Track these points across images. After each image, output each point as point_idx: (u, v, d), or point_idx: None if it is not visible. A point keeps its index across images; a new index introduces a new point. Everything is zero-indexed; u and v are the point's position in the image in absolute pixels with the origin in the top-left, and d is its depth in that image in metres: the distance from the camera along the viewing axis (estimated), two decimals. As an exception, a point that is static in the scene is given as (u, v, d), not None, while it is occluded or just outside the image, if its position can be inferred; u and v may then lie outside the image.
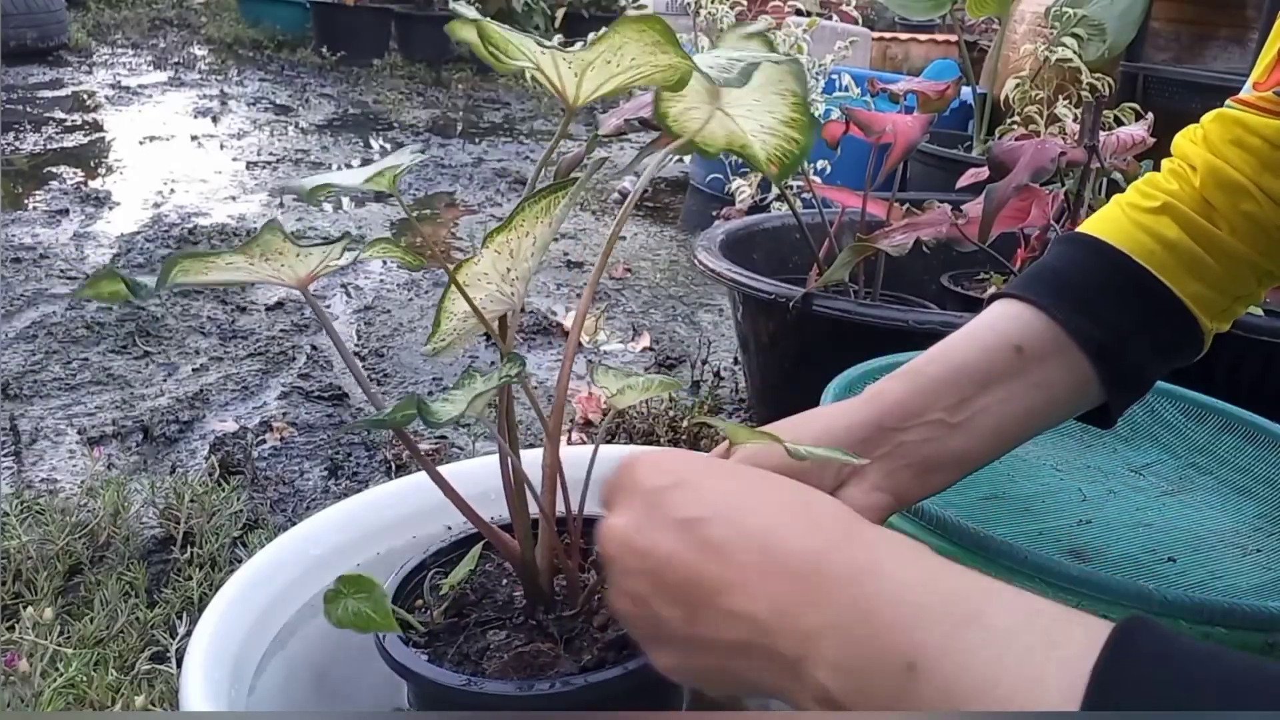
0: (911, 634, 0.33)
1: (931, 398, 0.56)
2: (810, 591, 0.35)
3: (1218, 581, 0.74)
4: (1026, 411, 0.58)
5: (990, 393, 0.56)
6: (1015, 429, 0.58)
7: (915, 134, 1.42)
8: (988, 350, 0.58)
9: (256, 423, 1.73)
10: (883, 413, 0.55)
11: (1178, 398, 0.97)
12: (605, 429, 0.73)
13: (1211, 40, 2.95)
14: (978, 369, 0.57)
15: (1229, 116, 0.65)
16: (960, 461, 0.57)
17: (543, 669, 0.51)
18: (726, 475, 0.42)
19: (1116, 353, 0.59)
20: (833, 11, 4.56)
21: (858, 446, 0.54)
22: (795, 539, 0.37)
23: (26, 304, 2.19)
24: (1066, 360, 0.58)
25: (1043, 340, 0.58)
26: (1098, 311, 0.59)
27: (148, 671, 1.07)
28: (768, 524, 0.38)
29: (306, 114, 4.58)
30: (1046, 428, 0.61)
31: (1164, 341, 0.62)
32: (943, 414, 0.56)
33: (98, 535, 1.30)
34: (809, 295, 1.33)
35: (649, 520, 0.40)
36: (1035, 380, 0.57)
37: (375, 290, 2.46)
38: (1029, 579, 0.65)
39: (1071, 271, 0.62)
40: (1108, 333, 0.59)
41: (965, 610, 0.33)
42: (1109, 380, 0.59)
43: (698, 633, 0.38)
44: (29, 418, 1.69)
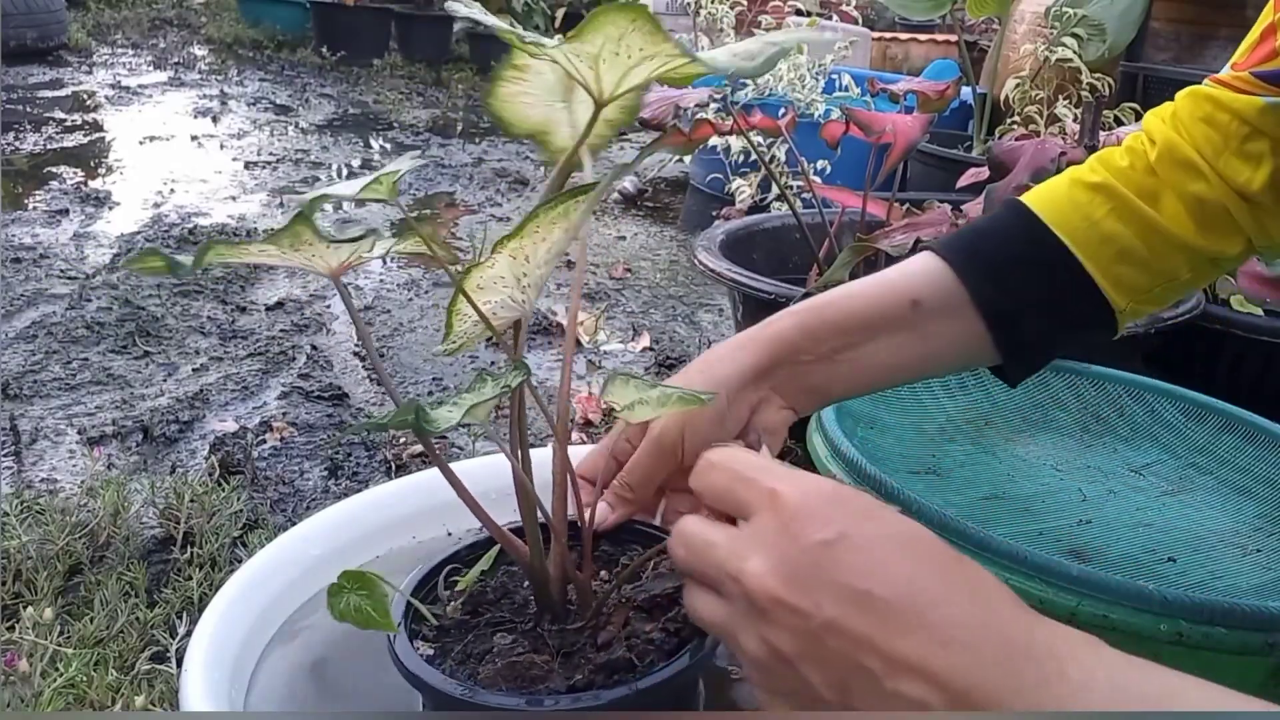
0: None
1: (822, 338, 0.61)
2: (992, 685, 0.34)
3: (1218, 581, 0.74)
4: (910, 359, 0.63)
5: (878, 339, 0.61)
6: (898, 371, 0.63)
7: (915, 134, 1.42)
8: (885, 300, 0.62)
9: (256, 423, 1.73)
10: (775, 350, 0.61)
11: (1178, 398, 0.97)
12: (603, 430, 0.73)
13: (1211, 40, 2.95)
14: (870, 316, 0.62)
15: (1202, 94, 0.65)
16: (843, 389, 0.63)
17: (532, 681, 0.51)
18: (886, 536, 0.39)
19: (1013, 322, 0.62)
20: (833, 11, 4.56)
21: (754, 382, 0.60)
22: (971, 622, 0.36)
23: (26, 304, 2.19)
24: (961, 320, 0.62)
25: (943, 297, 0.62)
26: (1005, 279, 0.62)
27: (148, 671, 1.07)
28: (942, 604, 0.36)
29: (306, 114, 4.58)
30: (934, 374, 0.67)
31: (1069, 319, 0.64)
32: (831, 352, 0.61)
33: (98, 535, 1.30)
34: (809, 295, 1.33)
35: (809, 576, 0.37)
36: (925, 334, 0.62)
37: (375, 290, 2.46)
38: (1029, 579, 0.65)
39: (994, 236, 0.65)
40: (1010, 301, 0.62)
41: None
42: (1003, 345, 0.63)
43: (852, 702, 0.37)
44: (29, 418, 1.69)
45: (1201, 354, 1.35)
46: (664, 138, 1.29)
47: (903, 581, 0.37)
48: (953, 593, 0.37)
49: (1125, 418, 0.98)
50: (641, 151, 0.60)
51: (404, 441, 1.69)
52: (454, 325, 0.54)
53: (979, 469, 0.89)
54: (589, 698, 0.49)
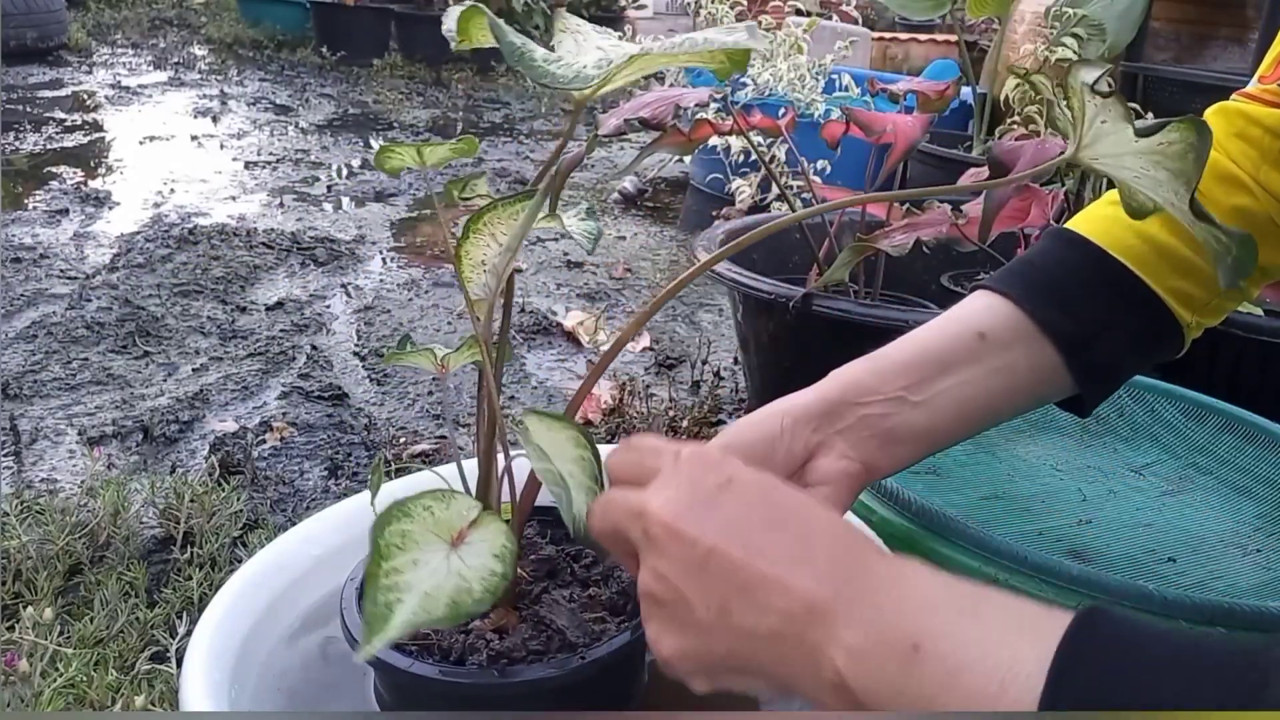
0: (918, 620, 0.39)
1: (891, 377, 0.60)
2: (841, 593, 0.41)
3: (1218, 581, 0.74)
4: (987, 394, 0.61)
5: (950, 375, 0.60)
6: (975, 410, 0.61)
7: (915, 134, 1.41)
8: (951, 335, 0.61)
9: (256, 423, 1.73)
10: (844, 388, 0.60)
11: (1178, 398, 0.97)
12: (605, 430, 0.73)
13: (1211, 40, 2.95)
14: (939, 352, 0.61)
15: (1232, 109, 0.65)
16: (922, 437, 0.60)
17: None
18: (768, 483, 0.46)
19: (1087, 345, 0.61)
20: (833, 11, 4.56)
21: (819, 419, 0.59)
22: (829, 549, 0.43)
23: (26, 304, 2.19)
24: (1031, 349, 0.61)
25: (1007, 328, 0.61)
26: (1070, 304, 0.62)
27: (148, 671, 1.07)
28: (806, 535, 0.43)
29: (306, 114, 4.58)
30: (1013, 412, 0.64)
31: (1140, 336, 0.64)
32: (903, 391, 0.59)
33: (98, 535, 1.30)
34: (809, 295, 1.33)
35: (699, 511, 0.44)
36: (997, 366, 0.60)
37: (375, 290, 2.46)
38: (1029, 579, 0.65)
39: (1047, 265, 0.64)
40: (1079, 325, 0.61)
41: (962, 604, 0.39)
42: (1078, 371, 0.62)
43: (729, 621, 0.42)
44: (29, 418, 1.69)
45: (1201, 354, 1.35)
46: (664, 138, 1.29)
47: (777, 517, 0.44)
48: (816, 525, 0.44)
49: (1125, 418, 0.98)
50: (641, 152, 0.60)
51: (404, 442, 1.69)
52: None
53: (979, 469, 0.89)
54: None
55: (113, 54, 5.80)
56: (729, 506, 0.44)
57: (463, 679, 0.53)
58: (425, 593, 0.44)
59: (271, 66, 5.75)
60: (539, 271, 2.67)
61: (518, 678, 0.53)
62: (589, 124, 4.82)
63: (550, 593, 0.60)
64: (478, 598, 0.44)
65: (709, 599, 0.43)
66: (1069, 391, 0.64)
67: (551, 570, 0.62)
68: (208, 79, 5.24)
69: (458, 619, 0.43)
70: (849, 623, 0.40)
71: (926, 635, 0.38)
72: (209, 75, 5.34)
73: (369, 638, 0.41)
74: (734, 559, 0.42)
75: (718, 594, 0.42)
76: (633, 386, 1.84)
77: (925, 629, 0.38)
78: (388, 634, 0.41)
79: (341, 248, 2.73)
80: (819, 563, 0.42)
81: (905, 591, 0.40)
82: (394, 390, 1.92)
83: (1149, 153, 0.49)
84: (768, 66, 2.99)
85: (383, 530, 0.46)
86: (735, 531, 0.43)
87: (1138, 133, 0.48)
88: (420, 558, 0.45)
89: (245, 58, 5.98)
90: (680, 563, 0.43)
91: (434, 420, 1.81)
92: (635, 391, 1.82)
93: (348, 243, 2.79)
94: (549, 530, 0.66)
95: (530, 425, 0.53)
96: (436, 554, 0.46)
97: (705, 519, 0.44)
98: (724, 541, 0.43)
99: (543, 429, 0.53)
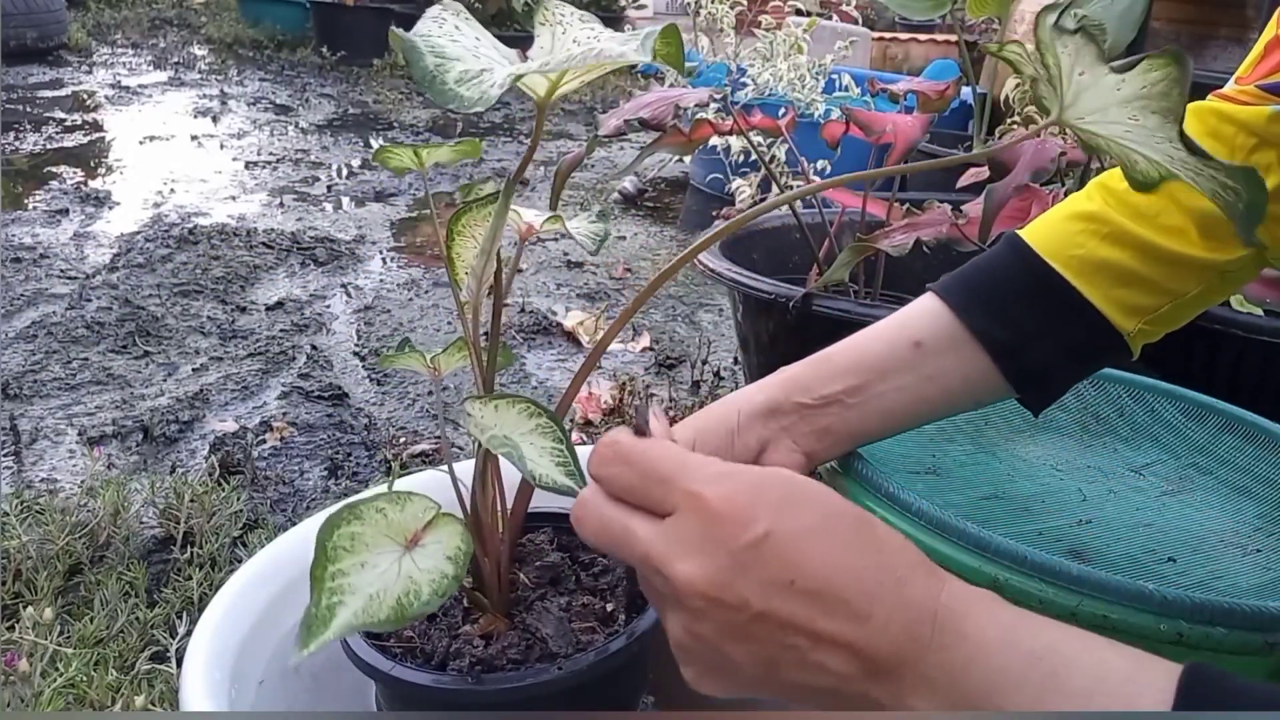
0: (997, 699, 0.37)
1: (830, 380, 0.64)
2: (904, 652, 0.38)
3: (1218, 581, 0.73)
4: (920, 399, 0.64)
5: (885, 381, 0.64)
6: (907, 413, 0.65)
7: (915, 134, 1.41)
8: (889, 342, 0.65)
9: (256, 423, 1.73)
10: (788, 389, 0.64)
11: (1178, 398, 0.97)
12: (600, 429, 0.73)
13: (1211, 40, 2.95)
14: (877, 359, 0.64)
15: (1205, 109, 0.66)
16: (857, 434, 0.65)
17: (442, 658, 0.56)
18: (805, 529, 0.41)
19: (1020, 353, 0.64)
20: (833, 11, 4.56)
21: (766, 416, 0.63)
22: (886, 599, 0.40)
23: (26, 304, 2.19)
24: (965, 357, 0.64)
25: (943, 336, 0.64)
26: (1004, 312, 0.64)
27: (148, 671, 1.07)
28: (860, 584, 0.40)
29: (306, 114, 4.58)
30: (949, 412, 0.67)
31: (1076, 346, 0.65)
32: (841, 394, 0.64)
33: (98, 535, 1.30)
34: (809, 295, 1.33)
35: (737, 575, 0.40)
36: (930, 373, 0.64)
37: (375, 290, 2.46)
38: (1029, 579, 0.64)
39: (992, 269, 0.66)
40: (1013, 333, 0.63)
41: (1044, 671, 0.37)
42: (1013, 378, 0.64)
43: (779, 676, 0.40)
44: (29, 418, 1.69)
45: (1201, 354, 1.35)
46: (664, 138, 1.29)
47: (824, 569, 0.40)
48: (867, 571, 0.40)
49: (1125, 418, 0.98)
50: (641, 152, 0.60)
51: (404, 442, 1.69)
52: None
53: (979, 469, 0.89)
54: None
55: (113, 54, 5.80)
56: (771, 564, 0.40)
57: (445, 684, 0.53)
58: (370, 595, 0.43)
59: (271, 66, 5.75)
60: (539, 271, 2.67)
61: (491, 685, 0.53)
62: (589, 124, 4.81)
63: (546, 600, 0.59)
64: (425, 600, 0.44)
65: (756, 657, 0.40)
66: (1007, 395, 0.66)
67: (555, 577, 0.62)
68: (208, 79, 5.24)
69: (402, 621, 0.43)
70: (916, 687, 0.38)
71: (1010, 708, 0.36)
72: (209, 75, 5.34)
73: (305, 641, 0.41)
74: (782, 621, 0.39)
75: (765, 653, 0.40)
76: (633, 386, 1.84)
77: (1007, 702, 0.37)
78: (325, 636, 0.41)
79: (341, 248, 2.73)
80: (877, 618, 0.39)
81: (976, 649, 0.38)
82: (394, 390, 1.92)
83: (1133, 99, 0.46)
84: (768, 66, 2.99)
85: (331, 533, 0.46)
86: (782, 592, 0.39)
87: (1113, 70, 0.46)
88: (370, 560, 0.45)
89: (245, 58, 5.98)
90: (721, 626, 0.40)
91: (434, 420, 1.81)
92: (635, 391, 1.82)
93: (348, 243, 2.79)
94: (560, 537, 0.66)
95: (472, 410, 0.52)
96: (387, 557, 0.46)
97: (745, 583, 0.40)
98: (771, 605, 0.39)
99: (490, 410, 0.53)
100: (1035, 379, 0.65)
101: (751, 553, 0.40)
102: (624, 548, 0.43)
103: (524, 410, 0.53)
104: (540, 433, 0.52)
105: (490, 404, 0.53)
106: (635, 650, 0.56)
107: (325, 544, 0.45)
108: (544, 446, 0.51)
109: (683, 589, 0.40)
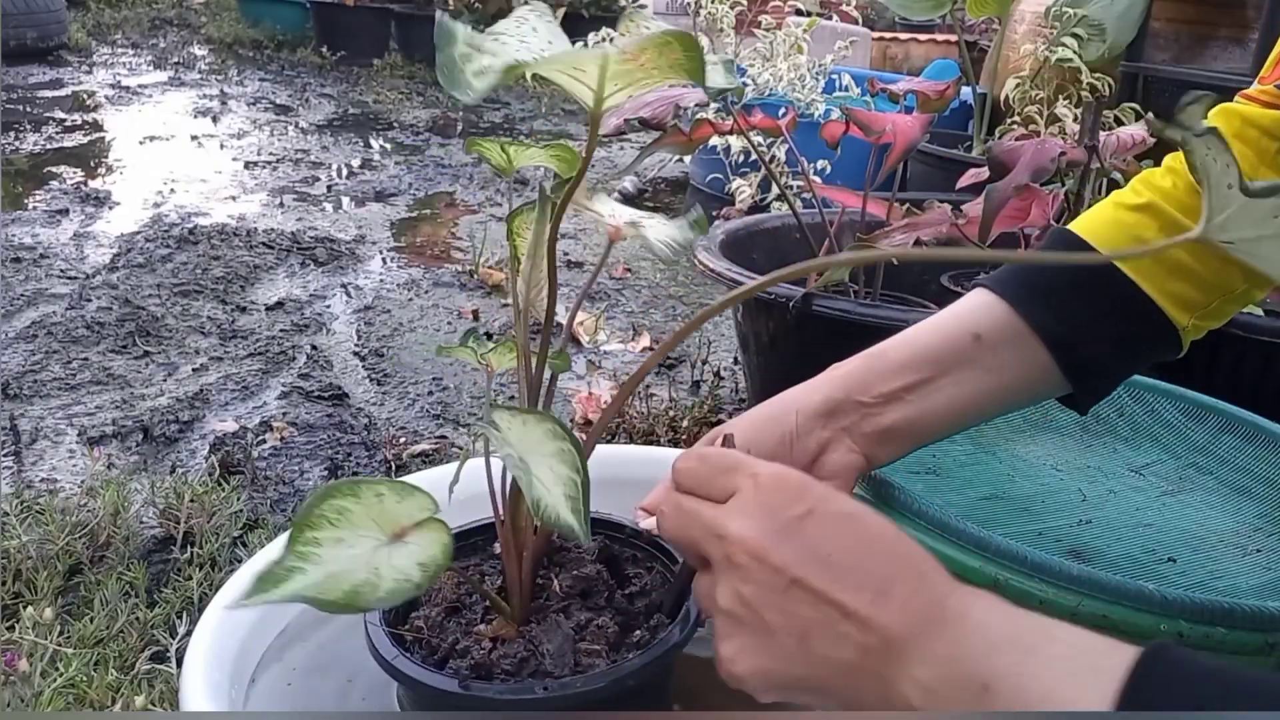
0: (987, 659, 0.40)
1: (890, 376, 0.62)
2: (915, 630, 0.42)
3: (1218, 581, 0.73)
4: (981, 394, 0.63)
5: (946, 375, 0.62)
6: (969, 408, 0.64)
7: (915, 134, 1.41)
8: (947, 337, 0.63)
9: (256, 423, 1.73)
10: (847, 387, 0.63)
11: (1178, 398, 0.97)
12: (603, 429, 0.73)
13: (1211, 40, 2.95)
14: (936, 353, 0.63)
15: (1231, 110, 0.66)
16: (921, 432, 0.64)
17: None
18: (847, 513, 0.47)
19: (1078, 346, 0.63)
20: (833, 11, 4.56)
21: (826, 416, 0.62)
22: (905, 583, 0.44)
23: (26, 304, 2.19)
24: (1024, 350, 0.63)
25: (1001, 329, 0.63)
26: (1062, 306, 0.63)
27: (148, 671, 1.07)
28: (884, 570, 0.45)
29: (306, 114, 4.58)
30: (1007, 408, 0.66)
31: (1132, 338, 0.65)
32: (901, 391, 0.62)
33: (98, 535, 1.30)
34: (809, 295, 1.33)
35: (782, 540, 0.45)
36: (990, 366, 0.63)
37: (375, 290, 2.46)
38: (1029, 579, 0.64)
39: (1044, 266, 0.66)
40: (1071, 327, 0.63)
41: (1029, 642, 0.40)
42: (1070, 372, 0.64)
43: (809, 649, 0.44)
44: (29, 418, 1.69)
45: (1201, 354, 1.35)
46: (664, 138, 1.29)
47: (856, 550, 0.45)
48: (892, 560, 0.45)
49: (1125, 418, 0.98)
50: (642, 152, 0.60)
51: (404, 442, 1.69)
52: None
53: (979, 469, 0.89)
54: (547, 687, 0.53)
55: (113, 54, 5.80)
56: (811, 536, 0.45)
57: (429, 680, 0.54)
58: (330, 573, 0.43)
59: (271, 66, 5.74)
60: (539, 271, 2.67)
61: (476, 692, 0.53)
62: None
63: (568, 614, 0.58)
64: (380, 597, 0.43)
65: (790, 626, 0.44)
66: (1063, 390, 0.65)
67: (586, 590, 0.60)
68: (208, 79, 5.24)
69: (351, 609, 0.42)
70: (922, 659, 0.41)
71: (995, 675, 0.40)
72: (209, 75, 5.34)
73: (251, 593, 0.41)
74: (817, 590, 0.44)
75: (800, 622, 0.44)
76: (633, 386, 1.84)
77: (994, 668, 0.40)
78: (270, 596, 0.41)
79: (341, 248, 2.73)
80: (896, 598, 0.43)
81: (974, 628, 0.42)
82: (394, 390, 1.92)
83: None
84: (768, 66, 2.99)
85: (324, 499, 0.45)
86: (818, 562, 0.44)
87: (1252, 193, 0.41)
88: (348, 539, 0.45)
89: (245, 58, 5.98)
90: (763, 588, 0.45)
91: (434, 420, 1.81)
92: (635, 391, 1.82)
93: (348, 243, 2.79)
94: (611, 546, 0.65)
95: (500, 420, 0.51)
96: (367, 542, 0.45)
97: (788, 548, 0.45)
98: (807, 572, 0.44)
99: (516, 424, 0.52)
100: (1090, 372, 0.65)
101: (796, 524, 0.45)
102: (692, 525, 0.49)
103: (550, 431, 0.51)
104: (560, 458, 0.50)
105: (519, 416, 0.52)
106: (627, 686, 0.54)
107: (314, 508, 0.45)
108: (560, 475, 0.50)
109: (734, 545, 0.46)
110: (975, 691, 0.40)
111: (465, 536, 0.65)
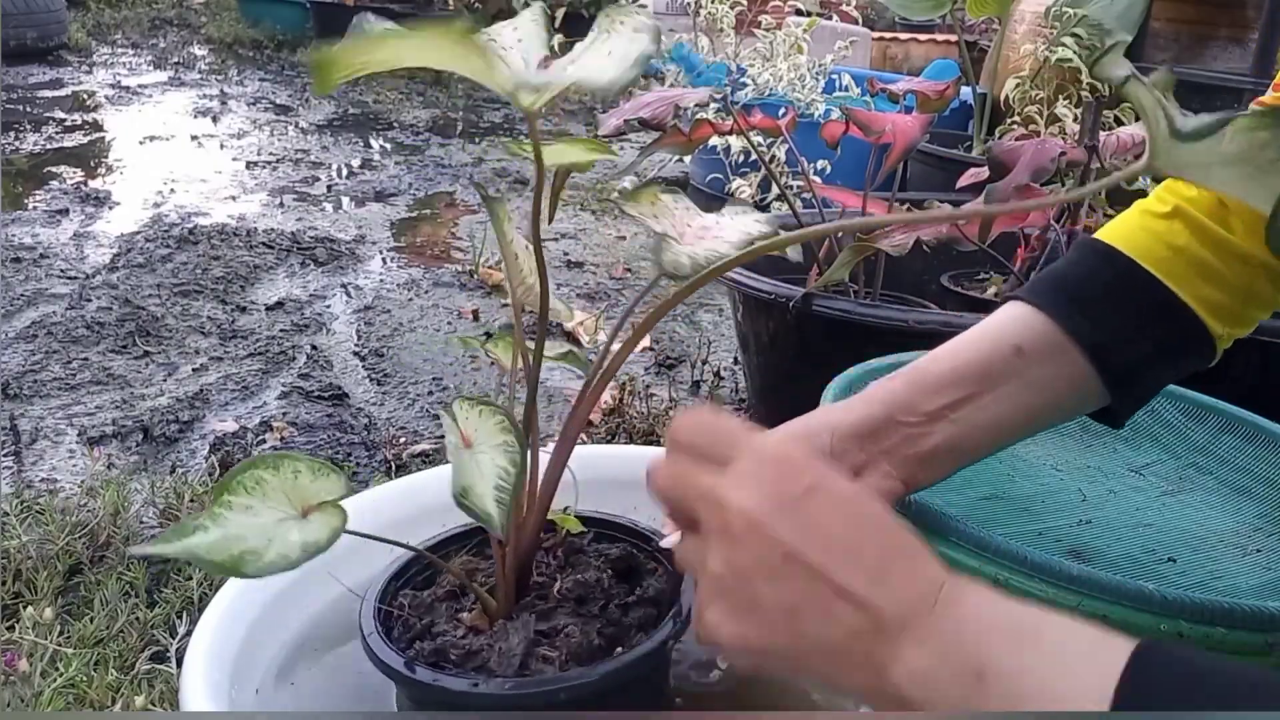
0: (981, 646, 0.40)
1: (932, 394, 0.60)
2: (909, 614, 0.42)
3: (1218, 581, 0.73)
4: (1025, 409, 0.61)
5: (990, 392, 0.60)
6: (1015, 425, 0.62)
7: (915, 134, 1.41)
8: (988, 351, 0.61)
9: (256, 423, 1.73)
10: (887, 407, 0.60)
11: (1178, 398, 0.97)
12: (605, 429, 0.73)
13: (1211, 40, 2.95)
14: (978, 369, 0.61)
15: None
16: (965, 453, 0.62)
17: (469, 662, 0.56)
18: (848, 495, 0.46)
19: (1116, 354, 0.61)
20: (833, 11, 4.56)
21: (864, 438, 0.60)
22: (901, 569, 0.44)
23: (26, 304, 2.19)
24: (1065, 361, 0.61)
25: (1042, 341, 0.61)
26: (1099, 314, 0.62)
27: (148, 671, 1.07)
28: (882, 553, 0.44)
29: (306, 114, 4.58)
30: (1050, 424, 0.64)
31: (1168, 345, 0.64)
32: (945, 409, 0.60)
33: (98, 535, 1.30)
34: (809, 295, 1.33)
35: (783, 514, 0.44)
36: (1033, 380, 0.61)
37: (375, 290, 2.46)
38: (1029, 579, 0.64)
39: (1079, 275, 0.64)
40: (1107, 334, 0.61)
41: (1025, 632, 0.40)
42: (1110, 381, 0.62)
43: (797, 625, 0.43)
44: (29, 418, 1.69)
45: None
46: (664, 138, 1.29)
47: (854, 530, 0.44)
48: (890, 545, 0.44)
49: (1125, 418, 0.98)
50: (641, 152, 0.60)
51: (404, 442, 1.69)
52: None
53: (979, 469, 0.89)
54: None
55: (113, 54, 5.80)
56: (812, 514, 0.44)
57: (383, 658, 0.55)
58: (225, 535, 0.45)
59: (271, 66, 5.75)
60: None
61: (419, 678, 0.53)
62: (589, 124, 4.81)
63: (549, 616, 0.58)
64: (259, 567, 0.45)
65: (780, 600, 0.43)
66: (1102, 403, 0.64)
67: (582, 596, 0.60)
68: (208, 79, 5.24)
69: (234, 573, 0.44)
70: (915, 644, 0.41)
71: (989, 663, 0.39)
72: (209, 75, 5.34)
73: (158, 541, 0.44)
74: (812, 567, 0.43)
75: (790, 597, 0.43)
76: (632, 386, 1.84)
77: (988, 657, 0.39)
78: (167, 549, 0.44)
79: (341, 248, 2.73)
80: (892, 582, 0.43)
81: (969, 615, 0.41)
82: (394, 390, 1.92)
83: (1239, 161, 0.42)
84: (768, 66, 2.99)
85: (248, 468, 0.48)
86: (815, 540, 0.44)
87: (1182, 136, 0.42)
88: (258, 508, 0.47)
89: (245, 58, 5.98)
90: (757, 559, 0.44)
91: (434, 420, 1.81)
92: (635, 391, 1.82)
93: (348, 243, 2.79)
94: (626, 558, 0.64)
95: (459, 410, 0.53)
96: (273, 514, 0.47)
97: (788, 523, 0.44)
98: (804, 548, 0.43)
99: (474, 414, 0.54)
100: (1130, 381, 0.63)
101: (798, 500, 0.45)
102: (688, 488, 0.47)
103: (501, 424, 0.53)
104: (502, 450, 0.52)
105: (476, 408, 0.54)
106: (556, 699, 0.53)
107: (237, 475, 0.47)
108: (496, 466, 0.51)
109: (732, 514, 0.45)
110: (968, 679, 0.39)
111: (480, 531, 0.66)
